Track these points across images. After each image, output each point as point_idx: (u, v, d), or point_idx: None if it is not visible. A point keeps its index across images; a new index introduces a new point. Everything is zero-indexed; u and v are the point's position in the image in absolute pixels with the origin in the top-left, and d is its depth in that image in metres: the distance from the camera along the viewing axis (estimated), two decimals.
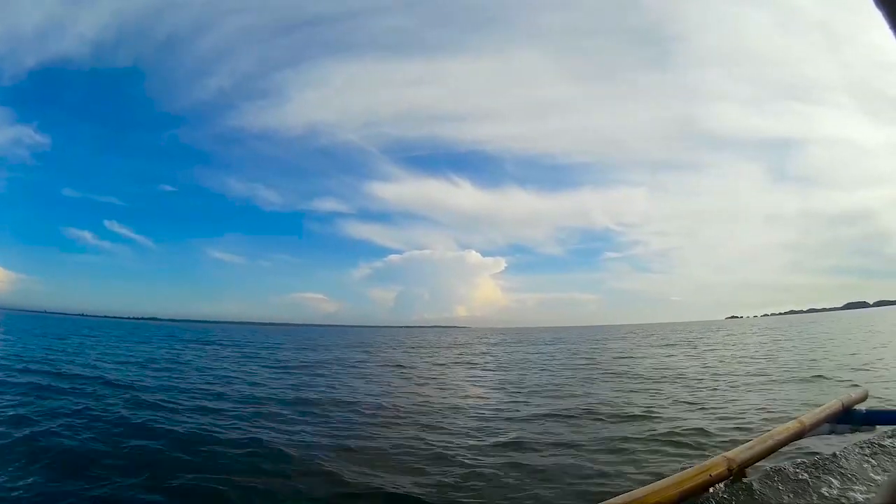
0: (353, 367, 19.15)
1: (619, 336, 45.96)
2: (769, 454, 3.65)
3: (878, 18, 0.73)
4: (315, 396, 10.85)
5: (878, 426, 4.44)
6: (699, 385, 11.57)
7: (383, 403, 10.13)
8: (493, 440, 6.88)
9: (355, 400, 10.50)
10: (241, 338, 44.92)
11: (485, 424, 7.95)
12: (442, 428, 7.73)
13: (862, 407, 4.57)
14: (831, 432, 4.43)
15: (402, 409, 9.52)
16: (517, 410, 9.21)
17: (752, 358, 17.94)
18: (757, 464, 3.59)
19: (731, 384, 11.41)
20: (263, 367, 18.11)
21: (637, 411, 8.59)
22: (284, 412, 9.01)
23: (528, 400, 10.40)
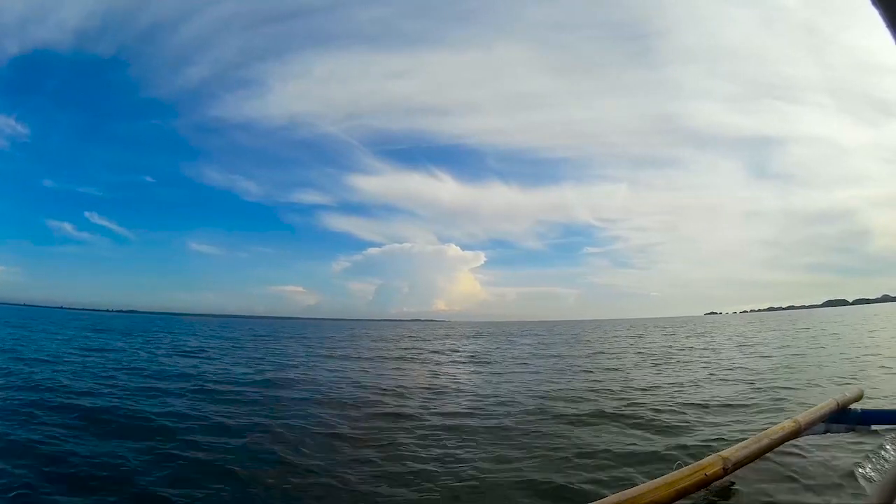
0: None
1: (571, 331, 43.70)
2: (764, 453, 3.64)
3: (870, 19, 0.71)
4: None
5: (873, 426, 4.46)
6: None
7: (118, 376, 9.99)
8: None
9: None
10: (159, 325, 43.21)
11: None
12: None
13: (857, 406, 4.58)
14: (826, 432, 4.43)
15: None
16: None
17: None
18: (752, 463, 3.61)
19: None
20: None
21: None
22: None
23: None
